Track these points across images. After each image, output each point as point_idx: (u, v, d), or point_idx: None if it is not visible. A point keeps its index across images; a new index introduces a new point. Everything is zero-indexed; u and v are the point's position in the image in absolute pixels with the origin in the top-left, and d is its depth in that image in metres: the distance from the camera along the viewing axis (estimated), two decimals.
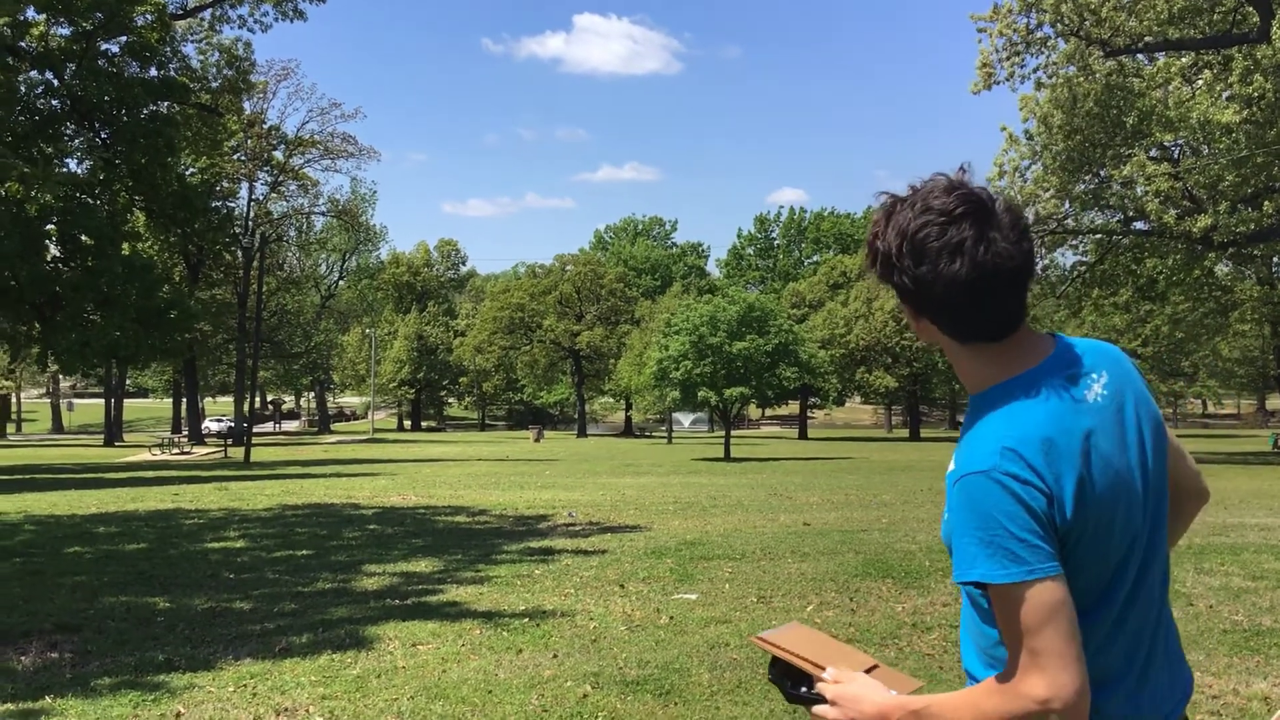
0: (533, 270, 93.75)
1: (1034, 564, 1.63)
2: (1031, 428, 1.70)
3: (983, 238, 1.68)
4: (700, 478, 27.67)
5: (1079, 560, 1.71)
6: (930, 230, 1.70)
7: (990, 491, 1.66)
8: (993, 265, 1.68)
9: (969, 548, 1.67)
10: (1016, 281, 1.72)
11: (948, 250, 1.69)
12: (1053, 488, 1.67)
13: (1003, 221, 1.71)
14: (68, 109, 31.77)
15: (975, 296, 1.70)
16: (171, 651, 6.98)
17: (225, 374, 76.98)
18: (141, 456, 44.74)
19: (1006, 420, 1.72)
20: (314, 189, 67.06)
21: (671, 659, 6.67)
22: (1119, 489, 1.75)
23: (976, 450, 1.70)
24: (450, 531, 14.05)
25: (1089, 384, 1.79)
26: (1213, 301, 41.93)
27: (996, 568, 1.64)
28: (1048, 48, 32.63)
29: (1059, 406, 1.73)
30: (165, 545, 12.59)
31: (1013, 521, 1.64)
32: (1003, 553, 1.64)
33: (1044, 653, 1.62)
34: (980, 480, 1.67)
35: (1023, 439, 1.68)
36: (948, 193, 1.73)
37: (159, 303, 31.48)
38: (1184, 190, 32.81)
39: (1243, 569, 9.90)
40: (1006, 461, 1.66)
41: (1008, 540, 1.64)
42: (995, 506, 1.65)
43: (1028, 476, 1.65)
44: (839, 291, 79.98)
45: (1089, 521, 1.70)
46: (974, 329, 1.77)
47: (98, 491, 21.95)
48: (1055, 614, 1.63)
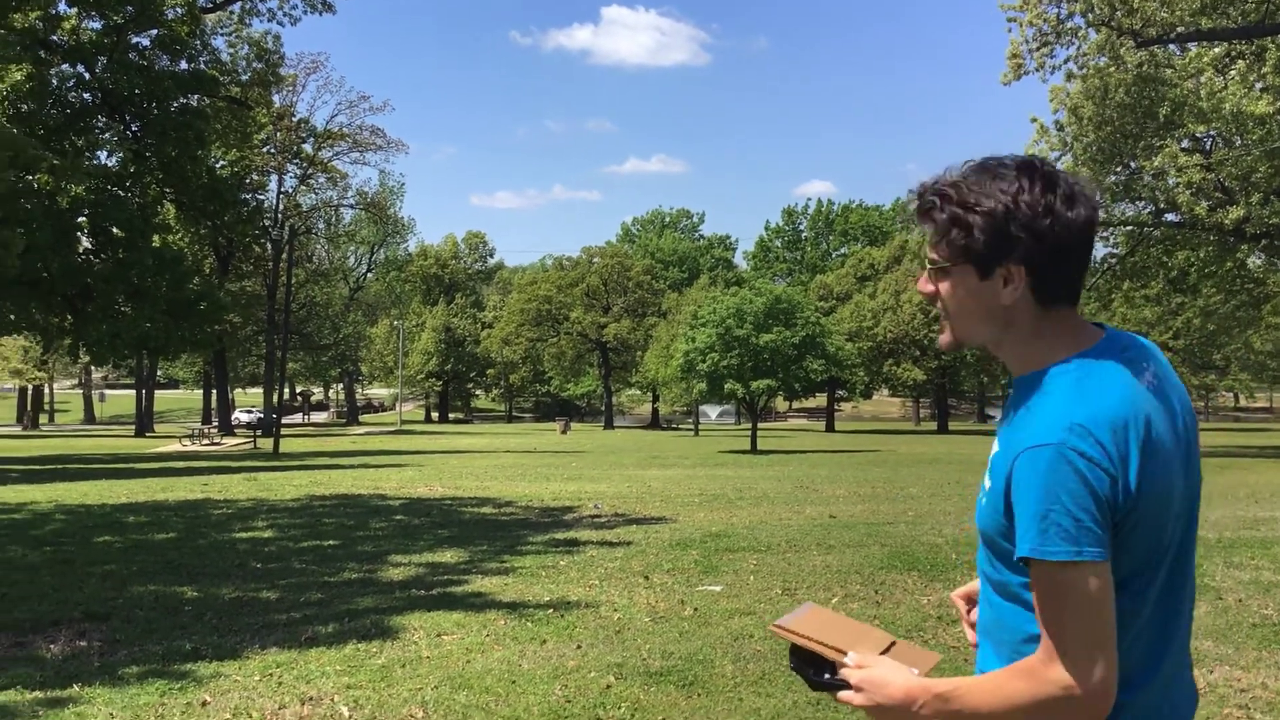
0: (560, 262, 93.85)
1: (1084, 546, 1.61)
2: (1103, 407, 1.67)
3: (1083, 193, 1.75)
4: (726, 470, 27.64)
5: (1130, 545, 1.69)
6: (1039, 186, 1.73)
7: (1056, 466, 1.63)
8: (1095, 216, 1.75)
9: (1027, 521, 1.65)
10: (1092, 243, 1.78)
11: (1064, 199, 1.71)
12: (1118, 471, 1.65)
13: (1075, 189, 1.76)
14: (99, 102, 32.01)
15: (1078, 247, 1.74)
16: (199, 640, 7.04)
17: (255, 365, 77.45)
18: (172, 447, 45.08)
19: (1076, 397, 1.69)
20: (343, 182, 67.45)
21: (695, 650, 6.66)
22: (1171, 479, 1.73)
23: (1045, 424, 1.67)
24: (476, 522, 14.09)
25: (1143, 369, 1.78)
26: (1245, 294, 41.46)
27: (1047, 544, 1.62)
28: (1078, 38, 32.32)
29: (1126, 388, 1.72)
30: (194, 535, 12.69)
31: (1074, 500, 1.62)
32: (1055, 529, 1.62)
33: (1076, 639, 1.61)
34: (1047, 453, 1.64)
35: (1093, 417, 1.66)
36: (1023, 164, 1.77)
37: (189, 294, 31.70)
38: (1216, 182, 32.48)
39: (1273, 563, 9.81)
40: (1076, 438, 1.64)
41: (1063, 517, 1.61)
42: (1059, 482, 1.62)
43: (1096, 456, 1.63)
44: (867, 284, 79.67)
45: (1145, 508, 1.68)
46: (1066, 286, 1.77)
47: (128, 481, 22.14)
48: (1096, 601, 1.61)
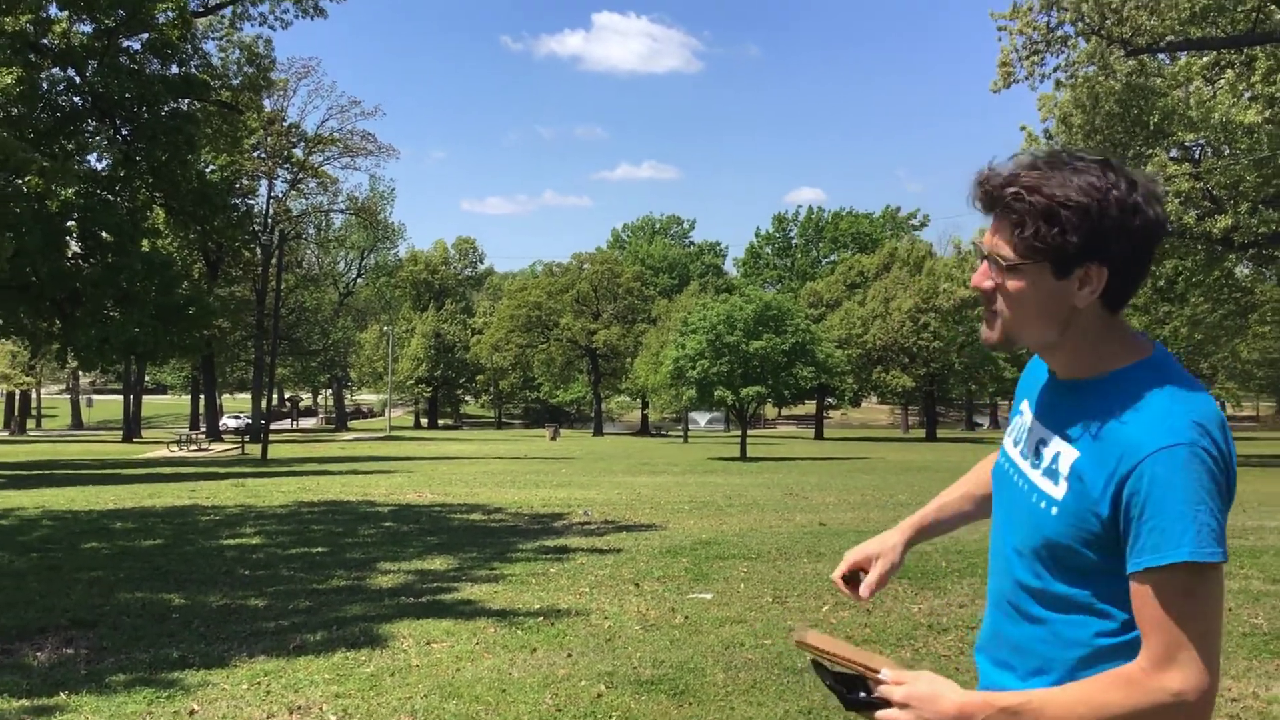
0: (550, 268, 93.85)
1: (1222, 546, 1.59)
2: (1209, 407, 1.66)
3: (1156, 189, 1.71)
4: (716, 477, 27.63)
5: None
6: (1137, 179, 1.69)
7: (1195, 466, 1.59)
8: (1166, 218, 1.71)
9: (1175, 524, 1.58)
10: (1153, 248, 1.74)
11: (1145, 198, 1.66)
12: (1232, 468, 1.64)
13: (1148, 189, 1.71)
14: (89, 106, 31.91)
15: (1153, 248, 1.71)
16: (186, 648, 6.99)
17: (243, 371, 77.32)
18: (159, 453, 44.94)
19: (1184, 397, 1.66)
20: (333, 186, 67.47)
21: (686, 659, 6.64)
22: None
23: (1168, 424, 1.62)
24: (465, 529, 14.05)
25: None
26: (1232, 303, 41.67)
27: (1203, 545, 1.57)
28: (1068, 47, 32.44)
29: (1205, 389, 1.71)
30: (181, 541, 12.63)
31: (1215, 499, 1.60)
32: (1207, 530, 1.58)
33: (1202, 642, 1.58)
34: (1183, 453, 1.59)
35: (1206, 415, 1.64)
36: (1093, 155, 1.73)
37: (178, 299, 31.61)
38: (1204, 191, 32.61)
39: (1263, 572, 9.82)
40: (1202, 437, 1.61)
41: (1210, 518, 1.58)
42: (1200, 482, 1.59)
43: (1220, 454, 1.62)
44: (856, 291, 79.82)
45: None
46: (1130, 290, 1.73)
47: (115, 487, 22.05)
48: (1220, 603, 1.61)
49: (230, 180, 50.30)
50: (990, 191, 1.73)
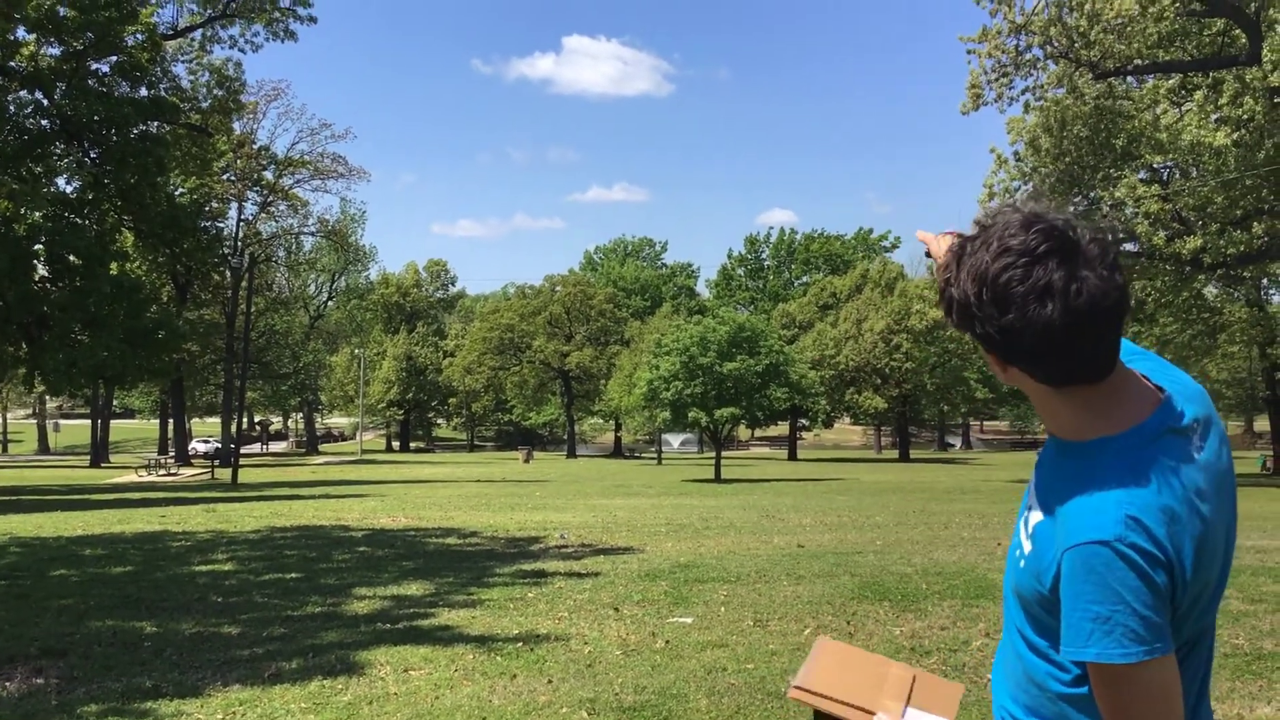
0: (522, 291, 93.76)
1: (1152, 643, 1.54)
2: (1154, 494, 1.58)
3: (1074, 277, 1.52)
4: (691, 499, 27.56)
5: (1178, 627, 1.62)
6: (1014, 274, 1.54)
7: (1114, 565, 1.54)
8: (1088, 305, 1.52)
9: (1083, 623, 1.56)
10: (1113, 319, 1.56)
11: (1035, 294, 1.52)
12: (1174, 560, 1.57)
13: (1091, 254, 1.55)
14: (57, 128, 31.65)
15: (1070, 341, 1.55)
16: (159, 677, 6.86)
17: (212, 395, 76.71)
18: (128, 478, 44.46)
19: (1126, 483, 1.59)
20: (303, 209, 67.06)
21: (668, 684, 6.56)
22: (1219, 547, 1.67)
23: (1097, 516, 1.58)
24: (441, 554, 13.92)
25: (1193, 436, 1.68)
26: (1201, 323, 42.02)
27: (1114, 646, 1.54)
28: (1037, 69, 32.74)
29: (1178, 468, 1.62)
30: (152, 568, 12.44)
31: (1136, 598, 1.54)
32: (1121, 630, 1.54)
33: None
34: (1104, 552, 1.55)
35: (1146, 506, 1.57)
36: (1026, 229, 1.56)
37: (147, 323, 31.32)
38: (1173, 212, 32.91)
39: (1240, 592, 9.84)
40: (1132, 533, 1.55)
41: (1129, 617, 1.54)
42: (1119, 581, 1.54)
43: (1153, 550, 1.55)
44: (828, 312, 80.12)
45: (1195, 588, 1.62)
46: (1069, 374, 1.62)
47: (84, 513, 21.76)
48: (1167, 693, 1.56)
49: (200, 203, 49.99)
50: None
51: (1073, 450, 1.69)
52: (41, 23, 29.81)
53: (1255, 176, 29.85)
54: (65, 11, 30.30)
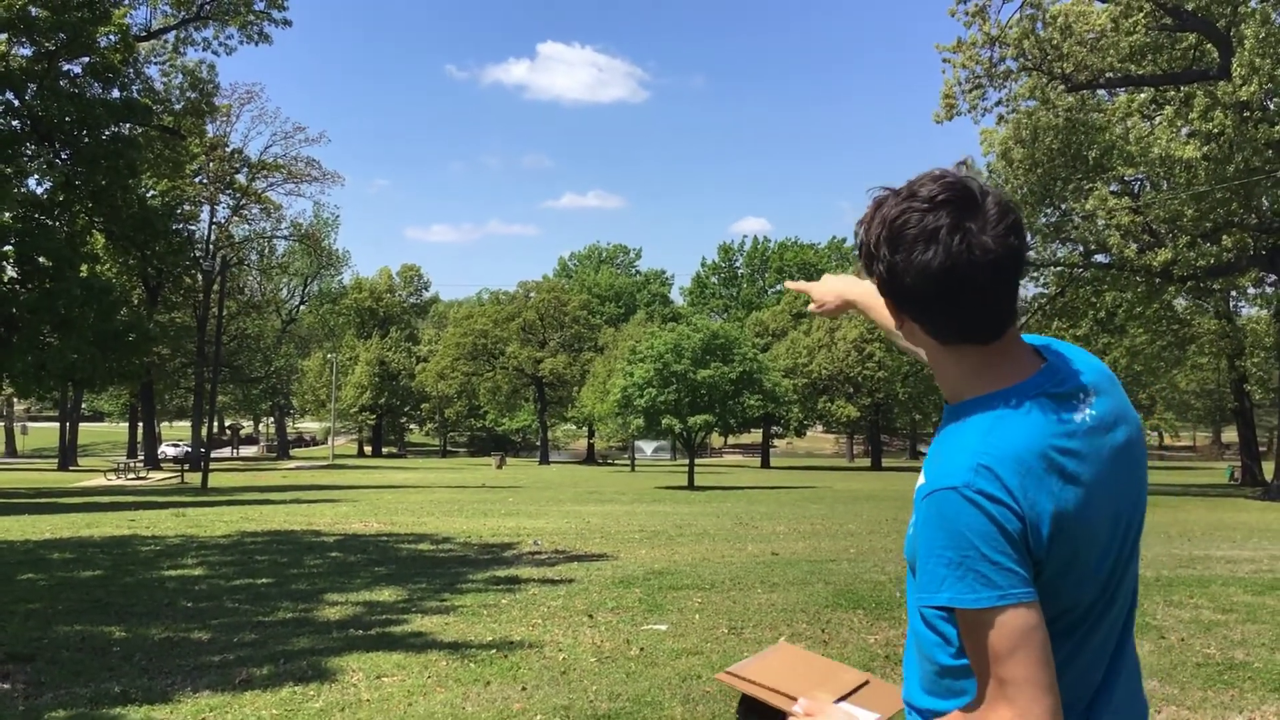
0: (496, 297, 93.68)
1: (1006, 588, 1.54)
2: (1010, 445, 1.60)
3: (959, 227, 1.58)
4: (665, 506, 27.54)
5: (1053, 590, 1.61)
6: (909, 216, 1.61)
7: (962, 509, 1.56)
8: (967, 257, 1.57)
9: (937, 569, 1.58)
10: (997, 279, 1.60)
11: (922, 238, 1.59)
12: (1027, 511, 1.57)
13: (988, 213, 1.60)
14: (28, 129, 31.41)
15: (948, 290, 1.60)
16: (128, 683, 6.78)
17: (183, 398, 76.16)
18: (96, 481, 44.06)
19: (984, 435, 1.62)
20: (276, 213, 66.69)
21: (643, 691, 6.54)
22: (1099, 519, 1.65)
23: (949, 464, 1.61)
24: (414, 559, 13.84)
25: (1078, 404, 1.69)
26: (1171, 335, 42.39)
27: (967, 591, 1.56)
28: (1010, 81, 32.99)
29: (1042, 425, 1.63)
30: (121, 573, 12.31)
31: (985, 542, 1.55)
32: (974, 575, 1.55)
33: (1013, 681, 1.53)
34: (952, 496, 1.57)
35: (1000, 457, 1.59)
36: (935, 181, 1.64)
37: (117, 325, 31.09)
38: (1144, 224, 33.20)
39: (1212, 602, 9.90)
40: (980, 479, 1.57)
41: (979, 562, 1.55)
42: (967, 525, 1.56)
43: (1002, 496, 1.56)
44: (802, 321, 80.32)
45: (1065, 551, 1.61)
46: (951, 327, 1.67)
47: (51, 517, 21.54)
48: (1027, 640, 1.54)
49: (172, 205, 49.66)
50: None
51: (950, 412, 1.73)
52: (13, 22, 29.58)
53: (1225, 190, 30.15)
54: (37, 12, 30.10)
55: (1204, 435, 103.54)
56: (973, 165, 12.73)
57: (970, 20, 31.45)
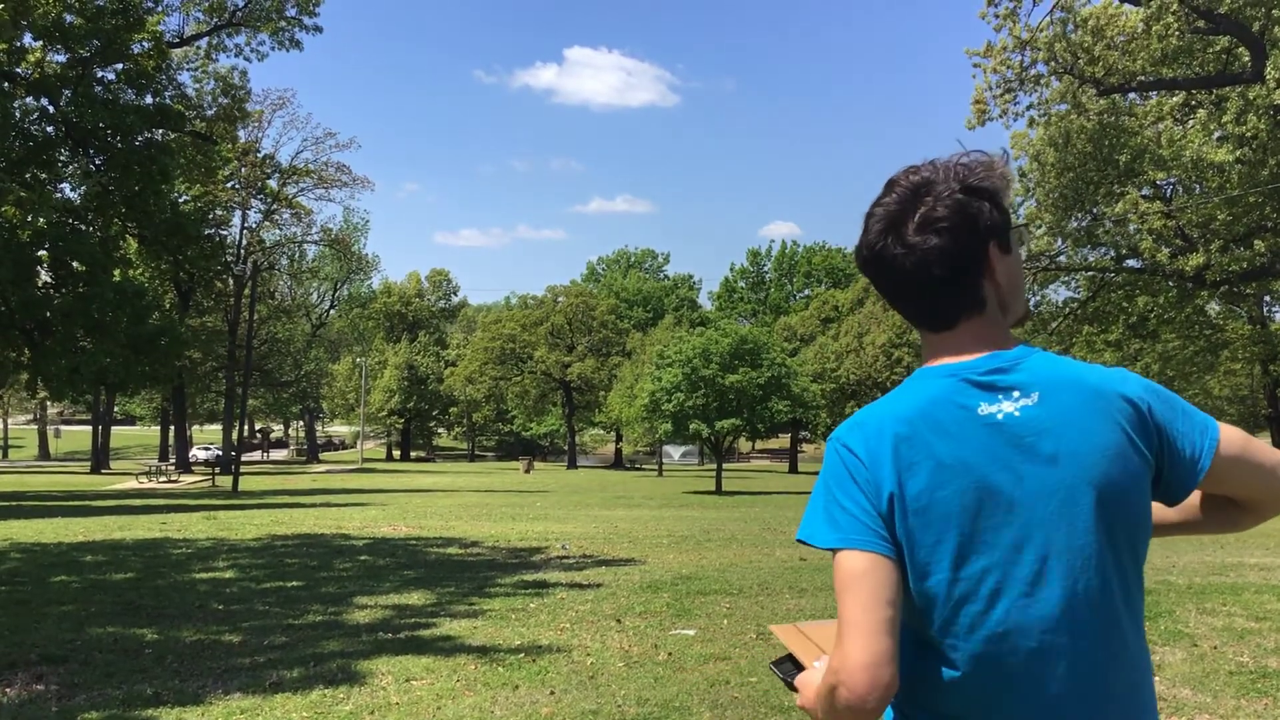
0: (524, 301, 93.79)
1: (849, 534, 1.65)
2: (890, 412, 1.72)
3: (889, 213, 1.75)
4: (693, 511, 27.52)
5: (918, 566, 1.67)
6: (873, 211, 1.80)
7: (830, 458, 1.74)
8: (892, 244, 1.75)
9: (809, 508, 1.74)
10: (918, 275, 1.74)
11: (865, 222, 1.80)
12: (873, 470, 1.68)
13: (918, 217, 1.73)
14: (62, 135, 31.70)
15: (878, 277, 1.80)
16: (160, 685, 6.84)
17: (214, 402, 76.65)
18: (128, 484, 44.42)
19: (880, 402, 1.76)
20: (307, 218, 67.06)
21: (671, 696, 6.54)
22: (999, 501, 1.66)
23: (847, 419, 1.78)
24: (442, 563, 13.89)
25: (999, 398, 1.69)
26: (1203, 340, 41.97)
27: (815, 530, 1.70)
28: (1041, 85, 32.78)
29: (933, 401, 1.70)
30: (153, 575, 12.42)
31: (840, 489, 1.69)
32: (823, 515, 1.69)
33: (845, 621, 1.62)
34: (829, 445, 1.75)
35: (874, 418, 1.72)
36: (906, 173, 1.79)
37: (149, 330, 31.32)
38: (1177, 229, 32.92)
39: (1245, 609, 9.80)
40: (848, 433, 1.73)
41: (830, 504, 1.69)
42: (829, 472, 1.73)
43: (857, 449, 1.70)
44: (830, 325, 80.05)
45: (929, 527, 1.65)
46: (902, 310, 1.82)
47: (84, 519, 21.74)
48: (855, 582, 1.62)
49: (204, 211, 50.02)
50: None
51: None
52: (48, 30, 29.88)
53: (1258, 194, 29.87)
54: (72, 19, 30.41)
55: None
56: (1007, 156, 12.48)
57: (1000, 24, 31.24)
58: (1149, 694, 1.77)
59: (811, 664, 1.92)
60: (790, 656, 2.02)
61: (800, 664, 1.97)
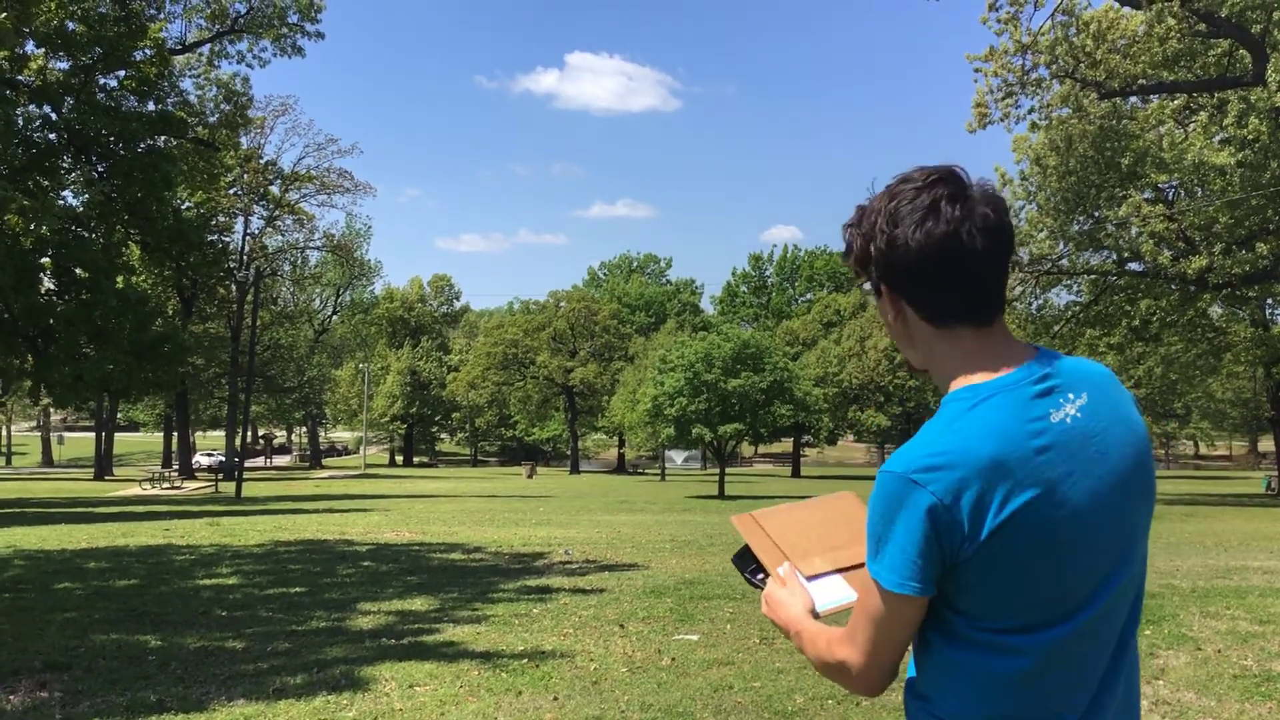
0: (527, 306, 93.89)
1: (905, 579, 1.64)
2: (966, 442, 1.62)
3: (958, 197, 1.68)
4: (696, 515, 27.51)
5: (1002, 593, 1.64)
6: (905, 195, 1.70)
7: (894, 494, 1.63)
8: (967, 225, 1.66)
9: (869, 542, 1.70)
10: (994, 252, 1.68)
11: (921, 210, 1.67)
12: (964, 513, 1.60)
13: (976, 193, 1.70)
14: (65, 142, 31.77)
15: (949, 261, 1.67)
16: (163, 692, 6.84)
17: (217, 408, 76.72)
18: (132, 491, 44.44)
19: (946, 426, 1.66)
20: (309, 224, 67.16)
21: (674, 702, 6.54)
22: (1073, 521, 1.65)
23: (908, 449, 1.66)
24: (445, 569, 13.89)
25: (1060, 402, 1.68)
26: (1206, 343, 41.96)
27: (879, 567, 1.67)
28: (1042, 89, 32.82)
29: (1013, 421, 1.64)
30: (156, 581, 12.42)
31: (905, 533, 1.62)
32: (886, 557, 1.65)
33: (865, 638, 1.71)
34: (891, 480, 1.64)
35: (950, 452, 1.62)
36: (921, 169, 1.75)
37: (152, 336, 31.36)
38: (1178, 232, 32.93)
39: (1249, 613, 9.79)
40: (924, 472, 1.61)
41: (891, 547, 1.64)
42: (894, 511, 1.63)
43: (939, 492, 1.60)
44: (832, 330, 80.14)
45: (1023, 552, 1.61)
46: (948, 305, 1.71)
47: (88, 526, 21.74)
48: (894, 624, 1.68)
49: (206, 217, 50.04)
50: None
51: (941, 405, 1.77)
52: (50, 37, 29.97)
53: (1260, 196, 29.87)
54: (74, 26, 30.48)
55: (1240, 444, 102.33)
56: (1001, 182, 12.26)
57: (1002, 28, 31.29)
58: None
59: (775, 569, 1.94)
60: (750, 551, 2.02)
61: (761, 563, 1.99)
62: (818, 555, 1.96)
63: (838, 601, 1.91)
